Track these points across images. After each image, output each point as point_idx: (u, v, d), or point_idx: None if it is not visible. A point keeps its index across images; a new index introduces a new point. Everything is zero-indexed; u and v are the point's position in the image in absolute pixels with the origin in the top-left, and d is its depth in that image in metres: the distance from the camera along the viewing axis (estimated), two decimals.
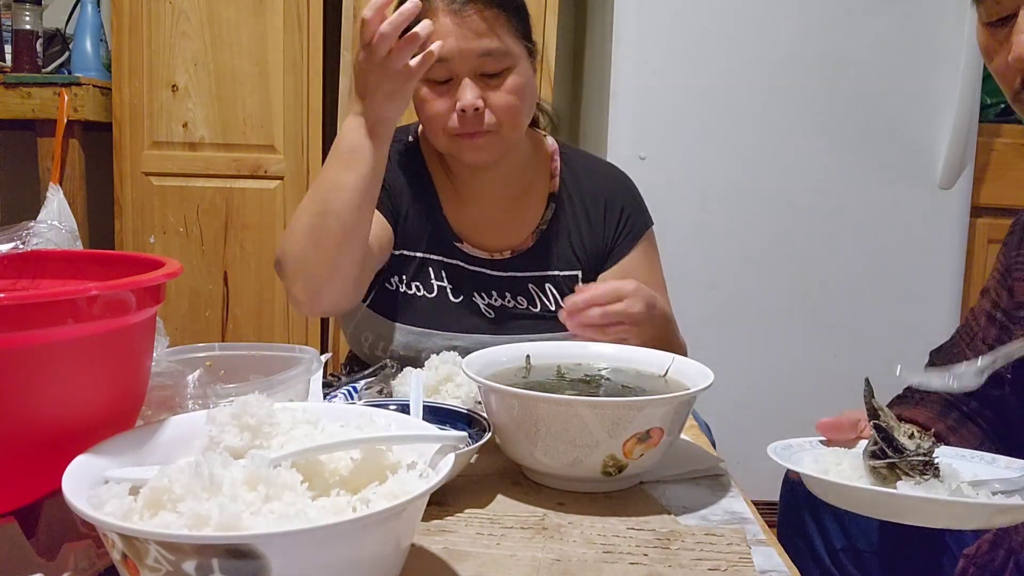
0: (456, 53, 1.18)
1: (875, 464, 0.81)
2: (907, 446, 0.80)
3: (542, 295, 1.34)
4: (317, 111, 2.28)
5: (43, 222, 0.76)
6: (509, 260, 1.34)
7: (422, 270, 1.32)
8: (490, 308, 1.33)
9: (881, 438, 0.81)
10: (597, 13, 2.40)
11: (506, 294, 1.33)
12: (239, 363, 0.96)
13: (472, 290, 1.32)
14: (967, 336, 1.10)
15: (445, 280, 1.32)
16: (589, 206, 1.37)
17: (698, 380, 0.87)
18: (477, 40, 1.18)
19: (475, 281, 1.33)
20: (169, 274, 0.66)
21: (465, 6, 1.18)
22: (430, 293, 1.32)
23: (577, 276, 1.34)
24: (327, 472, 0.63)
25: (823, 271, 2.23)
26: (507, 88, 1.22)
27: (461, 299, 1.32)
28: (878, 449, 0.81)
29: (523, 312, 1.33)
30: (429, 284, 1.32)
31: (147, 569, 0.51)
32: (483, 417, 0.88)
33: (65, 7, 2.49)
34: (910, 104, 2.18)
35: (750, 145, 2.18)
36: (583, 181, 1.38)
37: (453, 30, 1.17)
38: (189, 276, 2.28)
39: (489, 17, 1.19)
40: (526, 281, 1.33)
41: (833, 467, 0.84)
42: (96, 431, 0.62)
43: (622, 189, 1.40)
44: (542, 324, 1.31)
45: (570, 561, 0.70)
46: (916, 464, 0.79)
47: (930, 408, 1.05)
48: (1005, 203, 2.34)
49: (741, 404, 2.21)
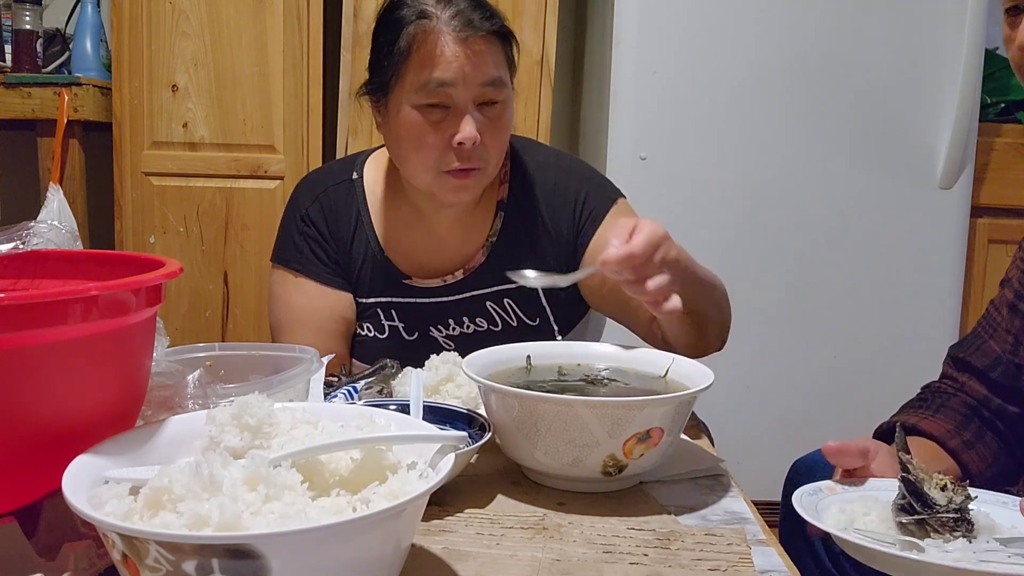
0: (460, 78, 1.13)
1: (903, 520, 0.76)
2: (938, 501, 0.75)
3: (502, 312, 1.29)
4: (317, 111, 2.28)
5: (43, 222, 0.76)
6: (462, 281, 1.28)
7: (370, 312, 1.29)
8: (449, 339, 1.29)
9: (909, 492, 0.76)
10: (597, 13, 2.40)
11: (463, 320, 1.29)
12: (239, 363, 0.96)
13: (427, 325, 1.28)
14: (990, 328, 1.08)
15: (396, 319, 1.28)
16: (542, 205, 1.29)
17: (698, 380, 0.87)
18: (482, 67, 1.14)
19: (429, 314, 1.28)
20: (169, 274, 0.66)
21: (472, 33, 1.13)
22: (381, 334, 1.29)
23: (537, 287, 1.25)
24: (327, 472, 0.63)
25: (823, 271, 2.23)
26: (502, 123, 1.18)
27: (416, 336, 1.29)
28: (907, 504, 0.76)
29: (485, 334, 1.28)
30: (380, 325, 1.29)
31: (147, 569, 0.51)
32: (483, 417, 0.88)
33: (65, 7, 2.49)
34: (910, 104, 2.18)
35: (750, 145, 2.18)
36: (534, 179, 1.30)
37: (458, 54, 1.13)
38: (189, 276, 2.28)
39: (491, 46, 1.16)
40: (483, 300, 1.28)
41: (861, 517, 0.78)
42: (96, 431, 0.62)
43: (572, 176, 1.31)
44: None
45: (570, 561, 0.70)
46: (946, 521, 0.74)
47: (949, 419, 1.02)
48: (1005, 203, 2.34)
49: (741, 404, 2.21)
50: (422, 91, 1.14)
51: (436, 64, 1.13)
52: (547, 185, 1.30)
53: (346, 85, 2.24)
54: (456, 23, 1.13)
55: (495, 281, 1.27)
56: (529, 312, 1.29)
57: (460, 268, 1.29)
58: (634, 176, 2.15)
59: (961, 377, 1.06)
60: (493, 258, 1.28)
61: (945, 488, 0.76)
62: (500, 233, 1.29)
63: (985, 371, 1.04)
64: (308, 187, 1.34)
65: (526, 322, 1.29)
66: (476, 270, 1.28)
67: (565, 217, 1.28)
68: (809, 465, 1.16)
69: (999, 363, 1.03)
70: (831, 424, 2.22)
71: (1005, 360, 1.03)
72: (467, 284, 1.28)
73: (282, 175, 2.29)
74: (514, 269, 1.19)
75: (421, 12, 1.14)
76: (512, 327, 1.29)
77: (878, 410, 1.28)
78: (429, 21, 1.14)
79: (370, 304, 1.29)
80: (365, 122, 2.25)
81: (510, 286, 1.24)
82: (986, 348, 1.05)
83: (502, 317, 1.29)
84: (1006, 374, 1.03)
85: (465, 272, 1.29)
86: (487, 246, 1.29)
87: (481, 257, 1.29)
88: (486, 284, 1.28)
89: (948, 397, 1.05)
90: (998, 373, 1.03)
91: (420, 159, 1.17)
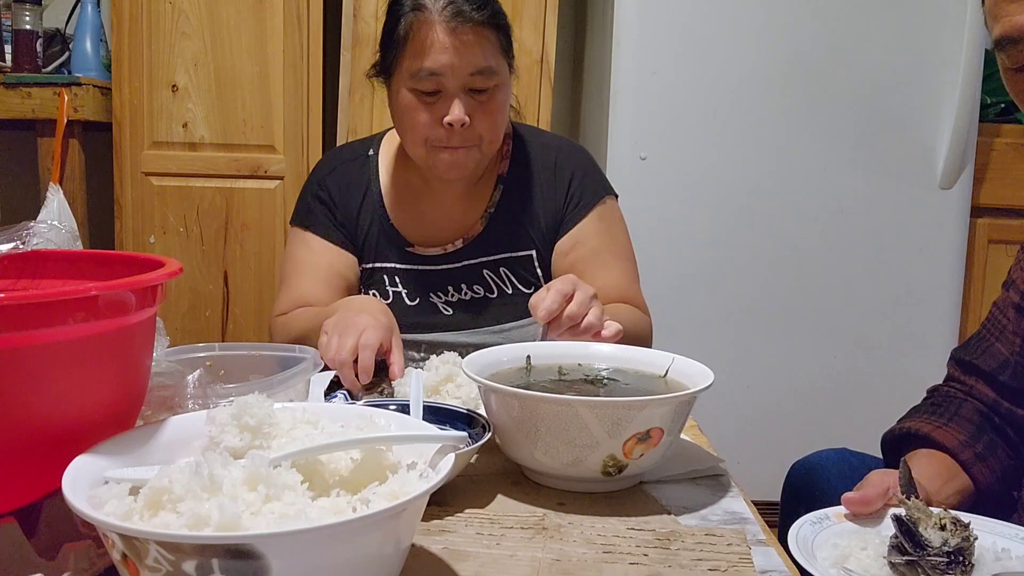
0: (448, 68, 1.20)
1: (894, 561, 0.74)
2: (932, 541, 0.73)
3: (498, 280, 1.35)
4: (317, 111, 2.28)
5: (43, 222, 0.76)
6: (462, 249, 1.34)
7: (376, 277, 1.35)
8: (448, 305, 1.35)
9: (902, 532, 0.74)
10: (597, 13, 2.40)
11: (462, 287, 1.34)
12: (239, 363, 0.96)
13: (428, 290, 1.34)
14: (995, 330, 1.06)
15: (400, 285, 1.35)
16: (540, 180, 1.36)
17: (698, 380, 0.87)
18: (470, 57, 1.20)
19: (430, 281, 1.35)
20: (169, 274, 0.66)
21: (462, 23, 1.19)
22: (386, 299, 1.34)
23: (531, 256, 1.35)
24: (327, 472, 0.63)
25: (823, 271, 2.23)
26: (494, 106, 1.24)
27: (418, 301, 1.34)
28: (899, 543, 0.74)
29: (481, 300, 1.34)
30: (384, 290, 1.35)
31: (147, 569, 0.51)
32: (483, 417, 0.88)
33: (65, 7, 2.49)
34: (910, 104, 2.18)
35: (750, 145, 2.18)
36: (534, 156, 1.38)
37: (447, 45, 1.19)
38: (189, 276, 2.28)
39: (482, 35, 1.21)
40: (480, 268, 1.34)
41: (857, 551, 0.76)
42: (96, 431, 0.62)
43: (572, 158, 1.39)
44: (503, 310, 1.33)
45: (570, 561, 0.70)
46: (938, 564, 0.72)
47: (962, 428, 0.99)
48: (1005, 203, 2.34)
49: (741, 404, 2.21)
50: (415, 78, 1.21)
51: (427, 54, 1.20)
52: (548, 163, 1.37)
53: (346, 85, 2.24)
54: (447, 13, 1.19)
55: (491, 250, 1.34)
56: (523, 280, 1.35)
57: (460, 237, 1.35)
58: (634, 176, 2.15)
59: (969, 380, 1.05)
60: (491, 228, 1.35)
61: (944, 528, 0.74)
62: (498, 205, 1.36)
63: (993, 374, 1.02)
64: (328, 160, 1.45)
65: (521, 289, 1.35)
66: (475, 239, 1.35)
67: (560, 191, 1.36)
68: (808, 466, 1.16)
69: (1007, 366, 1.02)
70: (831, 424, 2.22)
71: (1013, 362, 1.01)
72: (466, 252, 1.35)
73: (282, 175, 2.29)
74: (509, 240, 1.33)
75: (416, 4, 1.21)
76: (508, 294, 1.34)
77: (878, 410, 1.29)
78: (422, 12, 1.20)
79: (376, 269, 1.35)
80: (365, 122, 2.25)
81: (506, 255, 1.34)
82: (993, 351, 1.04)
83: (498, 285, 1.35)
84: (1015, 376, 1.01)
85: (464, 241, 1.35)
86: (485, 216, 1.35)
87: (480, 227, 1.35)
88: (483, 253, 1.35)
89: (960, 403, 1.03)
90: (1007, 376, 1.02)
91: (415, 136, 1.25)
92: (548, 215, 1.35)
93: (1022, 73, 0.91)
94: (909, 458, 0.93)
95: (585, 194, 1.35)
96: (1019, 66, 0.90)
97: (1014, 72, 0.91)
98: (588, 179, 1.37)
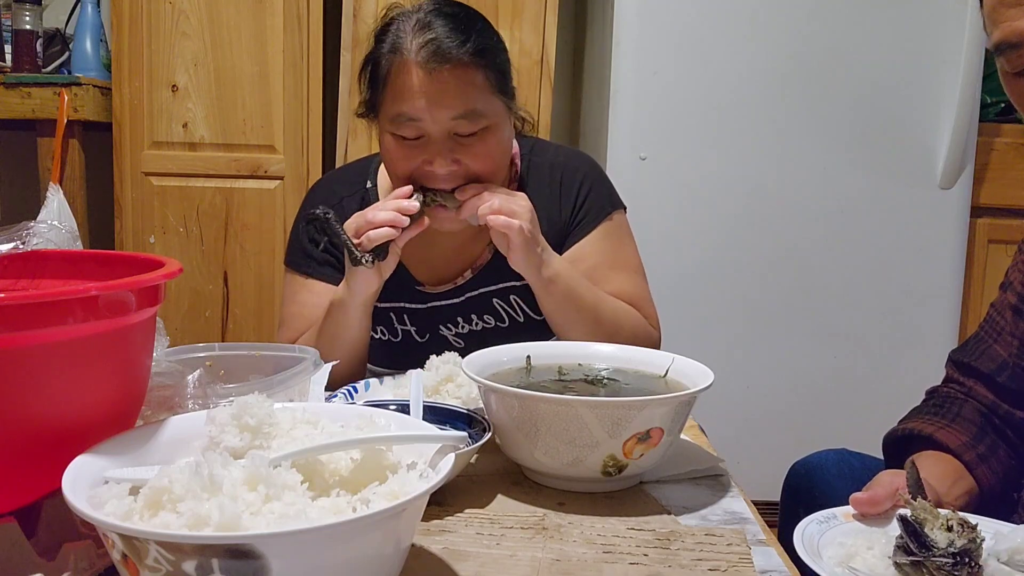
0: (427, 115, 1.11)
1: (899, 561, 0.73)
2: (938, 542, 0.72)
3: (508, 308, 1.30)
4: (317, 111, 2.28)
5: (43, 222, 0.76)
6: (471, 280, 1.29)
7: (384, 317, 1.30)
8: (459, 337, 1.31)
9: (907, 532, 0.74)
10: (597, 14, 2.40)
11: (472, 317, 1.30)
12: (239, 363, 0.96)
13: (438, 324, 1.30)
14: (993, 332, 1.06)
15: (408, 323, 1.30)
16: (548, 202, 1.29)
17: (698, 380, 0.87)
18: (450, 102, 1.11)
19: (440, 315, 1.30)
20: (169, 274, 0.66)
21: (440, 65, 1.10)
22: (395, 338, 1.31)
23: None
24: (327, 472, 0.63)
25: (823, 271, 2.23)
26: (484, 150, 1.15)
27: (428, 337, 1.31)
28: (904, 544, 0.74)
29: (492, 330, 1.30)
30: (393, 329, 1.31)
31: (147, 569, 0.51)
32: (483, 417, 0.88)
33: (65, 7, 2.49)
34: (910, 104, 2.18)
35: (750, 145, 2.18)
36: (543, 177, 1.31)
37: (426, 89, 1.11)
38: (189, 276, 2.28)
39: (464, 76, 1.12)
40: (490, 297, 1.29)
41: (863, 551, 0.76)
42: (96, 431, 0.62)
43: (578, 175, 1.31)
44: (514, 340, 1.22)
45: (570, 561, 0.70)
46: (943, 565, 0.71)
47: (965, 429, 0.99)
48: (1005, 203, 2.34)
49: (741, 404, 2.21)
50: (394, 123, 1.15)
51: (404, 99, 1.12)
52: (554, 182, 1.31)
53: (346, 85, 2.24)
54: (424, 55, 1.10)
55: (502, 278, 1.28)
56: (535, 307, 1.29)
57: (468, 268, 1.30)
58: (634, 176, 2.15)
59: (967, 382, 1.05)
60: (500, 256, 1.26)
61: (951, 529, 0.74)
62: None
63: (991, 376, 1.02)
64: (324, 196, 1.34)
65: (532, 316, 1.30)
66: (484, 268, 1.30)
67: (566, 214, 1.30)
68: (808, 466, 1.16)
69: (1005, 367, 1.02)
70: (831, 424, 2.22)
71: (1011, 364, 1.02)
72: (475, 282, 1.30)
73: (282, 175, 2.29)
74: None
75: (393, 45, 1.14)
76: (519, 322, 1.30)
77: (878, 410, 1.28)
78: (399, 56, 1.12)
79: (383, 309, 1.29)
80: (364, 122, 2.24)
81: (516, 282, 1.26)
82: (991, 352, 1.04)
83: (509, 313, 1.30)
84: (1013, 378, 1.01)
85: (474, 271, 1.30)
86: (493, 244, 1.28)
87: (488, 255, 1.30)
88: (493, 282, 1.29)
89: (960, 404, 1.03)
90: (1005, 377, 1.02)
91: (403, 183, 1.17)
92: (556, 236, 1.29)
93: (1021, 78, 0.90)
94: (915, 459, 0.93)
95: (591, 211, 1.30)
96: (1018, 71, 0.90)
97: (1013, 76, 0.91)
98: (594, 195, 1.31)
